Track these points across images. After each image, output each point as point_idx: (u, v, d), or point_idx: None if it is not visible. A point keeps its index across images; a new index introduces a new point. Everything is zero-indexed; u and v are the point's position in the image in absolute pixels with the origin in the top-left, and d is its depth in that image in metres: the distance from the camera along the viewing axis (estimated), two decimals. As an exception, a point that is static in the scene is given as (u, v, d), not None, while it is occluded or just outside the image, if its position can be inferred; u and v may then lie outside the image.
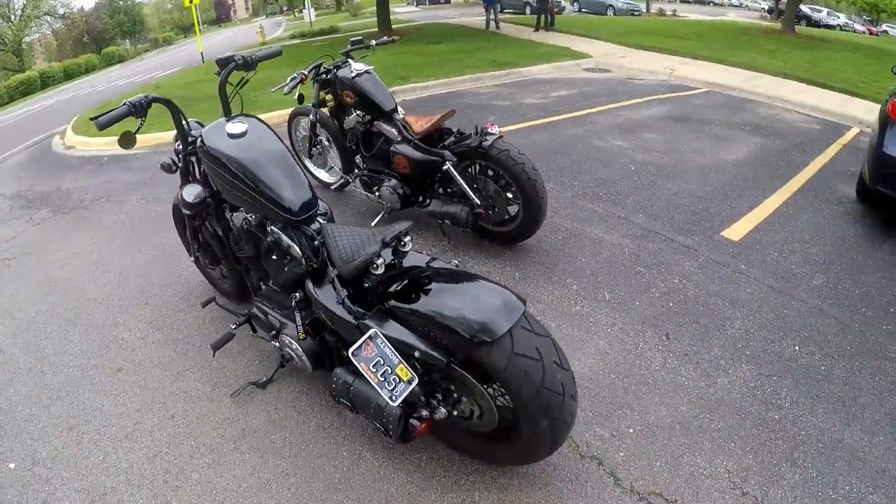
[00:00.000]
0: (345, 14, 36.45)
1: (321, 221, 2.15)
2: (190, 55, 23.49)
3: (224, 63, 2.42)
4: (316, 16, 25.37)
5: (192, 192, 2.41)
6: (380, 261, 1.86)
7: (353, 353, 1.70)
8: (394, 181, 3.56)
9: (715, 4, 40.30)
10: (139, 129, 2.26)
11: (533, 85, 9.37)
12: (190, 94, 9.98)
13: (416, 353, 1.73)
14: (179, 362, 2.72)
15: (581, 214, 4.23)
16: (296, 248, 2.07)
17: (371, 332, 1.75)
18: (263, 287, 2.53)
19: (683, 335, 2.86)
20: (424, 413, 1.84)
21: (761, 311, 3.11)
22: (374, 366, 1.70)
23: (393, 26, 16.25)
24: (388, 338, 1.75)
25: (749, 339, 2.86)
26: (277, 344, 2.33)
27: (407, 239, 1.92)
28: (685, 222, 4.15)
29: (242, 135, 2.15)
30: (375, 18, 16.93)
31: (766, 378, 2.58)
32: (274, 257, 2.21)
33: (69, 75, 32.54)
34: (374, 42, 4.02)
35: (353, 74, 3.54)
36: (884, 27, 38.91)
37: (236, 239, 2.46)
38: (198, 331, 2.96)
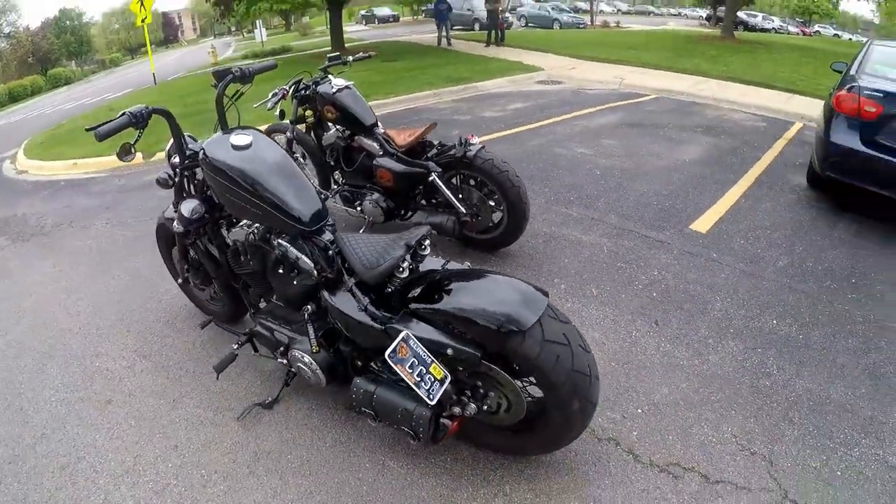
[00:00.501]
0: (294, 34, 36.55)
1: (331, 231, 2.19)
2: (140, 76, 22.99)
3: (221, 75, 2.43)
4: (266, 35, 25.47)
5: (189, 208, 2.38)
6: (405, 264, 1.94)
7: (388, 356, 1.74)
8: (376, 195, 3.67)
9: (655, 15, 42.57)
10: (137, 140, 2.24)
11: (490, 99, 9.69)
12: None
13: (449, 351, 1.79)
14: (174, 389, 2.67)
15: (557, 218, 4.44)
16: (305, 261, 2.08)
17: (403, 333, 1.80)
18: (265, 304, 2.52)
19: (671, 320, 3.07)
20: (456, 410, 1.92)
21: (737, 292, 3.36)
22: (409, 367, 1.76)
23: (346, 45, 16.46)
24: (420, 338, 1.81)
25: (731, 318, 3.09)
26: (285, 361, 2.32)
27: (427, 242, 2.01)
28: (655, 219, 4.42)
29: (248, 146, 2.15)
30: (327, 37, 17.10)
31: (752, 351, 2.80)
32: (280, 271, 2.22)
33: (14, 97, 31.52)
34: (350, 58, 4.15)
35: (333, 90, 3.65)
36: (816, 28, 42.17)
37: (234, 255, 2.45)
38: (189, 356, 2.92)
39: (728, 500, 1.97)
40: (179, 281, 3.00)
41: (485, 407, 1.94)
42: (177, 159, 2.43)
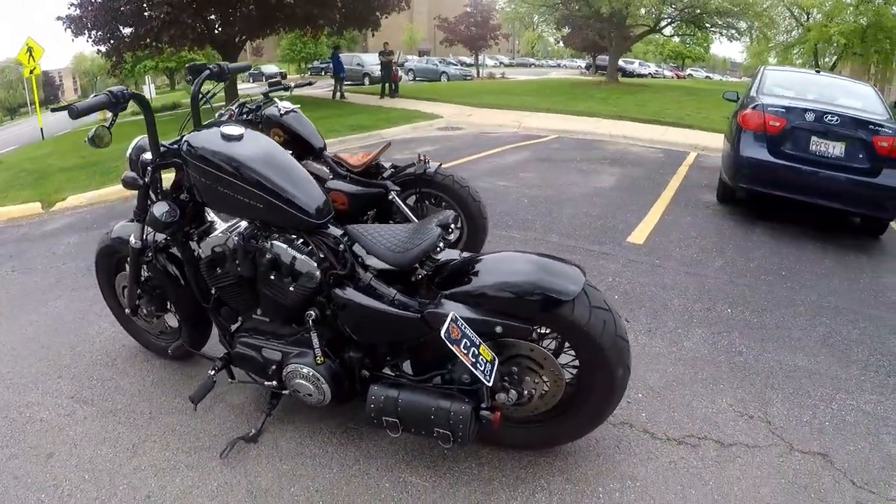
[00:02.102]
0: (182, 92, 35.59)
1: (335, 225, 2.12)
2: (25, 133, 21.63)
3: (196, 70, 2.34)
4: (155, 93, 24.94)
5: (161, 211, 2.16)
6: (441, 243, 1.92)
7: (444, 336, 1.71)
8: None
9: (536, 66, 46.64)
10: (112, 124, 2.10)
11: (398, 144, 10.00)
12: (40, 168, 9.35)
13: (498, 329, 1.82)
14: (131, 435, 2.40)
15: (502, 241, 4.68)
16: (306, 261, 2.00)
17: (451, 314, 1.78)
18: (243, 322, 2.35)
19: (639, 317, 3.34)
20: (501, 397, 1.92)
21: (688, 289, 3.73)
22: (464, 347, 1.74)
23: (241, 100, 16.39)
24: (465, 320, 1.81)
25: (691, 311, 3.42)
26: (274, 383, 2.20)
27: (453, 226, 2.01)
28: (593, 236, 4.80)
29: (240, 137, 2.05)
30: (219, 94, 16.87)
31: (718, 335, 3.13)
32: (273, 277, 2.07)
33: None
34: (293, 83, 4.20)
35: (281, 112, 3.67)
36: (688, 71, 48.57)
37: (210, 267, 2.25)
38: (141, 397, 2.65)
39: (745, 458, 2.17)
40: (127, 311, 2.72)
41: (525, 392, 1.96)
42: (148, 155, 2.23)
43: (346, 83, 18.41)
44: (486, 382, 1.78)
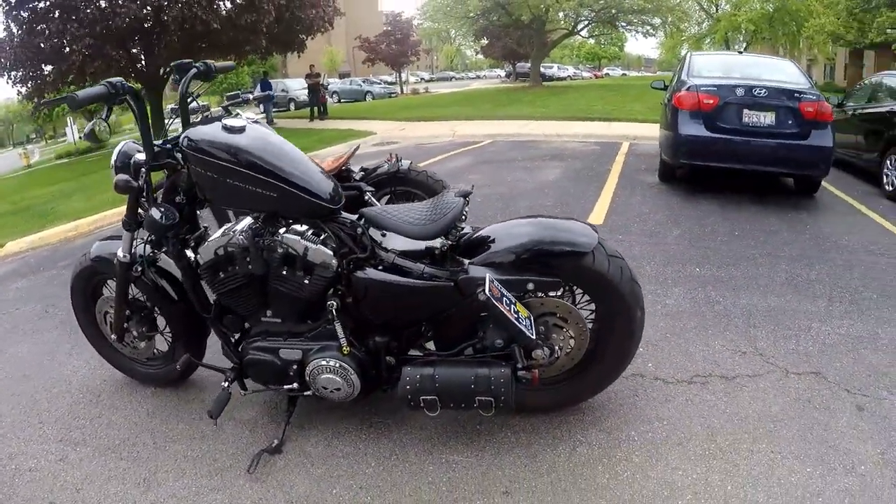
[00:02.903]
0: (103, 134, 34.38)
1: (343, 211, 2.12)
2: None
3: (183, 68, 2.25)
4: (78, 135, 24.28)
5: (160, 213, 2.06)
6: (466, 208, 1.98)
7: (487, 295, 1.78)
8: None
9: (456, 79, 47.70)
10: (108, 116, 2.04)
11: (339, 161, 10.02)
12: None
13: (530, 285, 1.91)
14: (138, 469, 2.24)
15: (470, 235, 4.81)
16: (321, 249, 1.98)
17: (488, 275, 1.85)
18: (251, 327, 2.26)
19: (620, 285, 3.54)
20: (538, 353, 1.96)
21: (655, 256, 3.99)
22: (506, 304, 1.82)
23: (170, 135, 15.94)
24: (499, 281, 1.87)
25: (664, 274, 3.66)
26: (295, 385, 2.15)
27: (469, 198, 2.08)
28: (556, 221, 5.01)
29: (242, 129, 2.02)
30: (137, 134, 16.32)
31: (694, 290, 3.37)
32: (285, 272, 2.04)
33: None
34: (250, 96, 4.18)
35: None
36: (605, 70, 51.13)
37: (212, 273, 2.16)
38: (139, 428, 2.49)
39: (750, 386, 2.36)
40: (113, 337, 2.58)
41: (556, 348, 2.04)
42: (141, 156, 2.16)
43: (272, 110, 18.22)
44: (530, 336, 1.86)
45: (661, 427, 2.13)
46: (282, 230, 2.06)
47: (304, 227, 2.08)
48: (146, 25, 11.47)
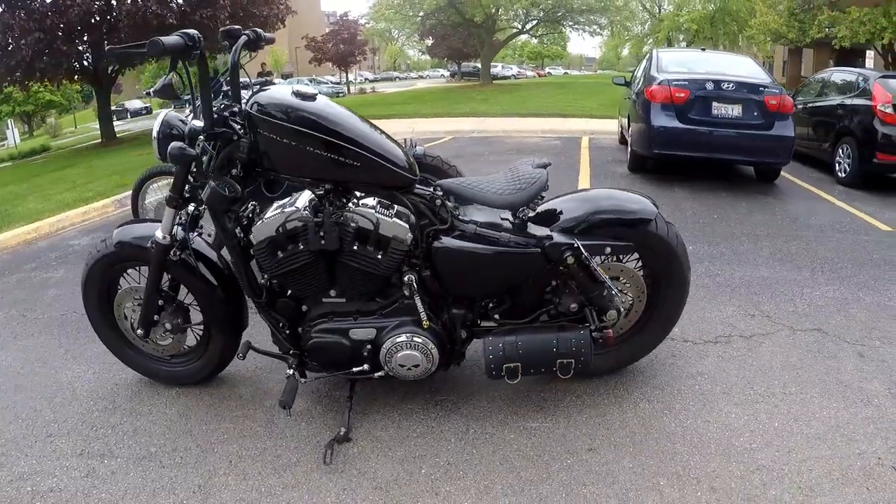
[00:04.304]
0: (44, 137, 32.25)
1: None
2: None
3: (234, 35, 2.08)
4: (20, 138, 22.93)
5: (223, 183, 1.95)
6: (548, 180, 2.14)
7: (589, 258, 2.03)
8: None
9: (401, 79, 47.88)
10: (170, 75, 1.86)
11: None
12: None
13: (608, 249, 2.13)
14: (189, 476, 2.04)
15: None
16: (397, 222, 1.99)
17: (576, 242, 2.05)
18: (310, 309, 2.18)
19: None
20: (612, 315, 2.16)
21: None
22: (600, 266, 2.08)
23: (120, 135, 15.32)
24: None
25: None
26: (365, 367, 2.11)
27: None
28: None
29: (314, 97, 1.97)
30: (82, 136, 15.70)
31: (694, 265, 3.60)
32: (356, 248, 1.99)
33: None
34: (249, 80, 4.18)
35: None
36: (547, 69, 52.65)
37: (270, 252, 2.04)
38: (175, 433, 2.26)
39: (766, 342, 2.73)
40: (139, 332, 2.34)
41: (621, 310, 2.25)
42: (198, 123, 2.06)
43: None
44: (616, 295, 2.12)
45: (704, 380, 2.44)
46: (351, 203, 2.04)
47: (375, 200, 2.07)
48: (94, 21, 11.04)
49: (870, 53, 19.96)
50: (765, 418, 2.17)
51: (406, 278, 2.05)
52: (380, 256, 2.01)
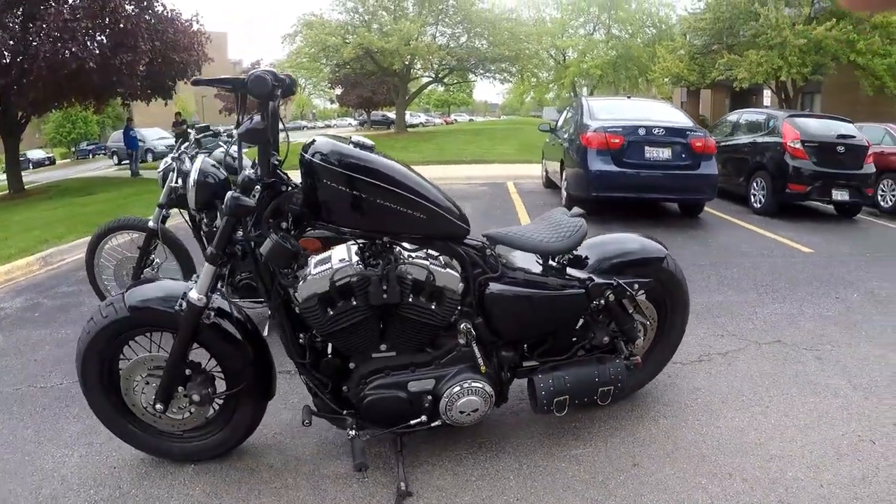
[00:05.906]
0: None
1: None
2: None
3: (277, 82, 1.90)
4: None
5: (288, 239, 1.94)
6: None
7: (629, 295, 2.35)
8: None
9: (308, 128, 47.63)
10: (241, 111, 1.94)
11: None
12: None
13: (636, 286, 2.41)
14: None
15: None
16: (449, 273, 2.07)
17: (615, 280, 2.33)
18: (357, 366, 2.16)
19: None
20: (639, 343, 2.48)
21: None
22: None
23: (27, 187, 14.21)
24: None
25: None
26: (423, 418, 2.14)
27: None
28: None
29: (372, 148, 2.02)
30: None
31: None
32: (411, 300, 2.02)
33: None
34: (221, 128, 4.30)
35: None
36: (454, 117, 54.66)
37: (321, 308, 1.99)
38: (216, 488, 2.17)
39: (741, 355, 3.20)
40: (157, 406, 2.15)
41: (639, 339, 2.54)
42: (250, 171, 2.01)
43: (125, 161, 17.26)
44: (642, 324, 2.48)
45: (703, 394, 2.83)
46: (404, 256, 2.09)
47: (424, 252, 2.13)
48: (3, 63, 10.44)
49: (766, 92, 22.36)
50: (762, 418, 2.58)
51: (462, 326, 2.16)
52: (434, 307, 2.06)
